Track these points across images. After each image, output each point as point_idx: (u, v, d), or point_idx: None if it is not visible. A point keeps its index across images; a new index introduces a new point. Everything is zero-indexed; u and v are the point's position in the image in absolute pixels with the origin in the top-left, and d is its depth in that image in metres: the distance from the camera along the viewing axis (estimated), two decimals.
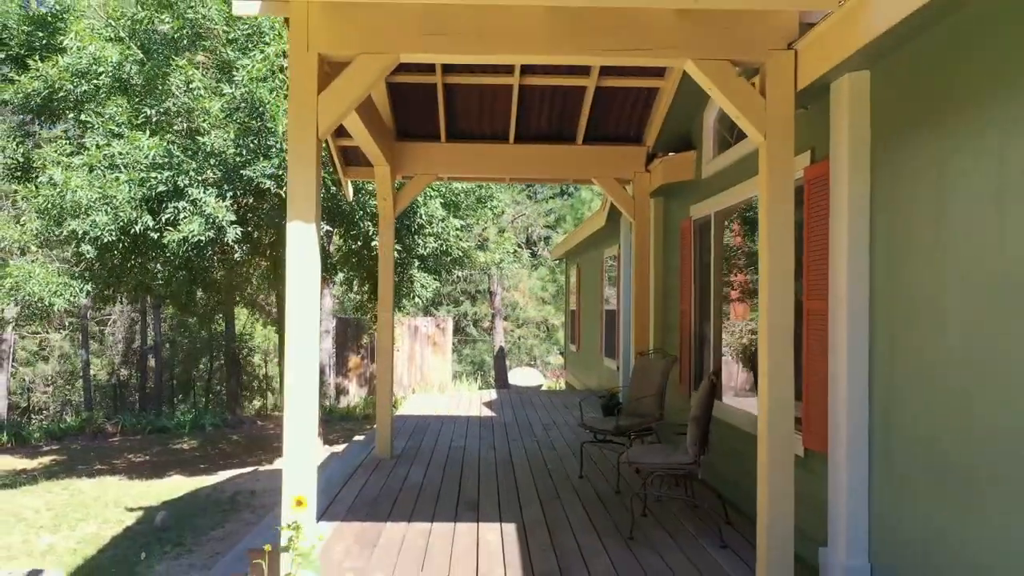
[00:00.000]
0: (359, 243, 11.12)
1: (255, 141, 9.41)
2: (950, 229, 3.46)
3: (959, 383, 3.37)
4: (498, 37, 4.26)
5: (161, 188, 9.27)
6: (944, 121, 3.52)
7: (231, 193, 9.54)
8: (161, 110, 9.92)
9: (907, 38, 3.66)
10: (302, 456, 4.10)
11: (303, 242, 4.13)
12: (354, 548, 4.89)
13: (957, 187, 3.42)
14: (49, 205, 9.31)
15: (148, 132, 9.72)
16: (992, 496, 3.16)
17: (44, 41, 10.85)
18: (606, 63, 4.78)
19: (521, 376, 22.01)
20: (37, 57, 10.69)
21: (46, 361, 19.96)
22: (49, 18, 10.88)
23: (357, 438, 9.37)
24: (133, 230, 9.36)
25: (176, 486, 11.13)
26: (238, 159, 9.56)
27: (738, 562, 4.71)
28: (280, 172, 9.36)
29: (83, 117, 10.27)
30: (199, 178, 9.42)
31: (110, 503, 10.17)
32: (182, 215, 9.29)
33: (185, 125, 9.74)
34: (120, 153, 9.51)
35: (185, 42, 9.68)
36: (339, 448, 11.93)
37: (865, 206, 4.18)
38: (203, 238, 9.33)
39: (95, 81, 10.05)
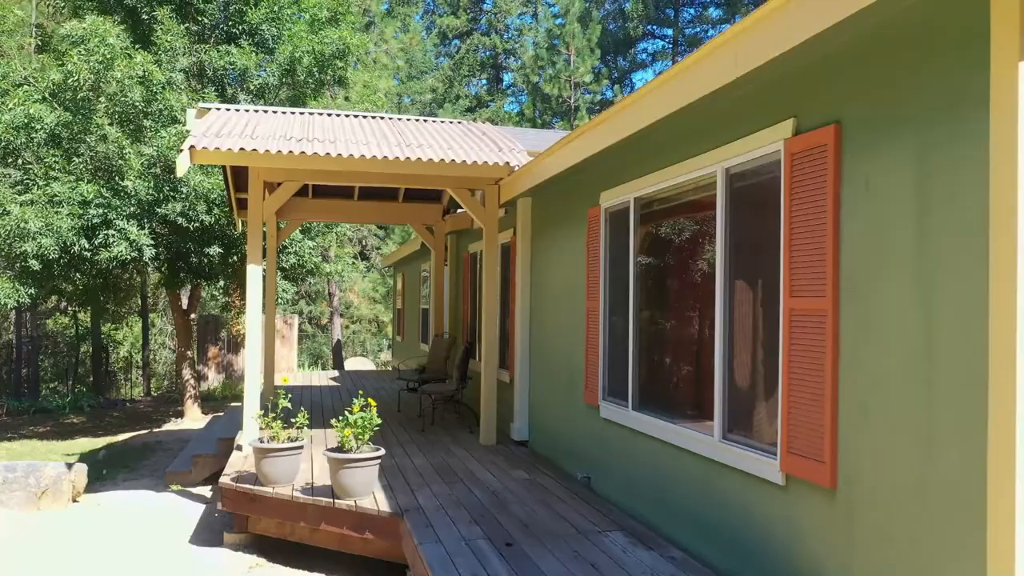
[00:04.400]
0: (237, 258, 14.98)
1: (169, 188, 13.17)
2: (543, 275, 8.29)
3: (552, 332, 8.16)
4: (355, 177, 8.75)
5: (96, 221, 12.85)
6: (547, 227, 8.35)
7: (148, 224, 13.25)
8: (88, 159, 13.43)
9: (542, 188, 8.43)
10: (255, 390, 8.34)
11: (255, 275, 8.37)
12: None
13: (543, 259, 8.24)
14: (4, 231, 12.61)
15: (81, 178, 13.21)
16: (549, 380, 7.98)
17: None
18: (408, 186, 9.35)
19: (355, 364, 26.24)
20: None
21: None
22: None
23: (235, 404, 13.31)
24: (72, 251, 12.85)
25: (91, 443, 14.48)
26: (150, 199, 13.27)
27: (474, 437, 9.38)
28: (189, 212, 13.18)
29: (20, 162, 13.55)
30: (124, 213, 13.06)
31: (48, 453, 13.46)
32: (111, 240, 12.89)
33: (115, 174, 13.29)
34: (59, 193, 12.97)
35: (116, 116, 13.26)
36: (220, 414, 15.70)
37: (528, 260, 8.96)
38: (127, 257, 12.99)
39: (33, 136, 13.38)
